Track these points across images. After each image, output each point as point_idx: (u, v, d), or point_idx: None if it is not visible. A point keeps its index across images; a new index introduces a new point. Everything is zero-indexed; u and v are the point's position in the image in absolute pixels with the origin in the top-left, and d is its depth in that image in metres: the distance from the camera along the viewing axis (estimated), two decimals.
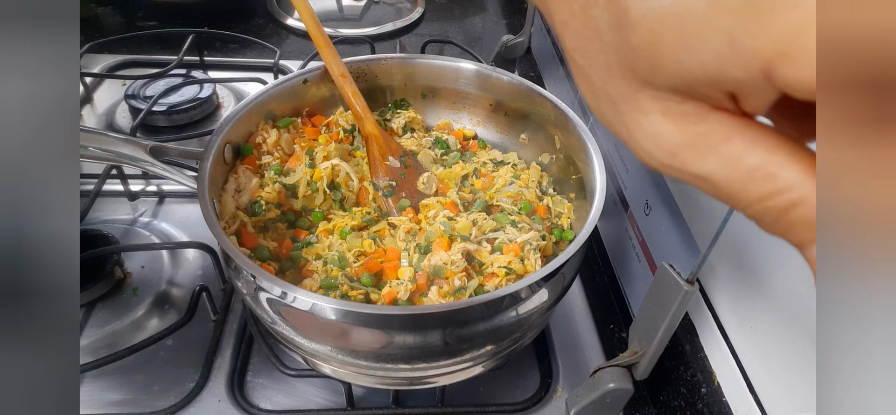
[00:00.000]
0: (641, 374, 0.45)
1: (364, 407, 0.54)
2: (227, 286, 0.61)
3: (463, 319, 0.42)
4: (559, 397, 0.56)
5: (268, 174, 0.56)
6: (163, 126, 0.81)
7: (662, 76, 0.16)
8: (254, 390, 0.55)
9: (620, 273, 0.59)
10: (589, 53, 0.19)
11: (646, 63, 0.17)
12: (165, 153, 0.50)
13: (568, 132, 0.58)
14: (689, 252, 0.43)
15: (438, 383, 0.51)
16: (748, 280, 0.39)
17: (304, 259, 0.51)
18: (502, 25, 1.22)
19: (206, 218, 0.44)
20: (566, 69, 0.76)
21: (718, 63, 0.15)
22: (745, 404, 0.39)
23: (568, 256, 0.44)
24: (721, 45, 0.14)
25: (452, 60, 0.67)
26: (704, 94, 0.16)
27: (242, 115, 0.56)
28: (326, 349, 0.44)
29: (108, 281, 0.59)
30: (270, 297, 0.42)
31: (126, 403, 0.53)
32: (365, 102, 0.61)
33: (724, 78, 0.15)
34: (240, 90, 0.91)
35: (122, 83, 0.88)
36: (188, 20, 1.09)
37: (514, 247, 0.50)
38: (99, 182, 0.69)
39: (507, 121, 0.67)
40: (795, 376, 0.35)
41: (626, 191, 0.56)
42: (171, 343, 0.57)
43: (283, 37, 1.10)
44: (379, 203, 0.57)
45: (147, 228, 0.68)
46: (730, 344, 0.41)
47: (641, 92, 0.18)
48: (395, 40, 1.12)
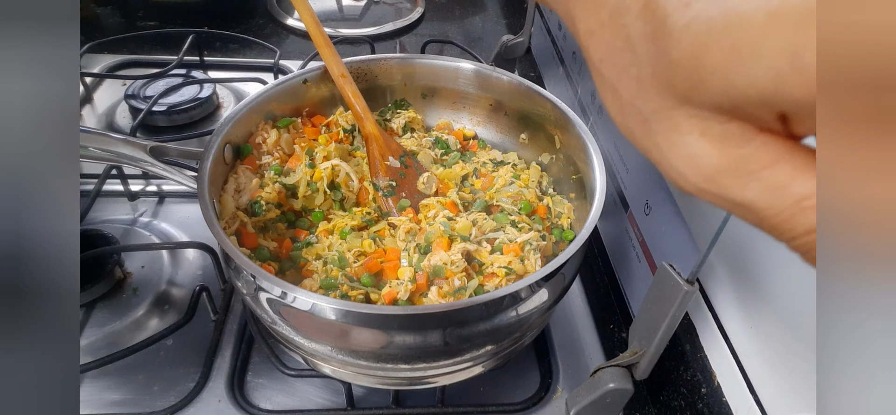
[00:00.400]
0: (641, 374, 0.45)
1: (364, 407, 0.54)
2: (227, 286, 0.61)
3: (463, 319, 0.42)
4: (559, 397, 0.56)
5: (268, 174, 0.56)
6: (163, 126, 0.81)
7: (705, 93, 0.15)
8: (254, 390, 0.55)
9: (620, 273, 0.59)
10: (618, 66, 0.18)
11: (686, 78, 0.15)
12: (165, 153, 0.50)
13: (568, 132, 0.58)
14: (689, 252, 0.43)
15: (438, 383, 0.51)
16: (748, 280, 0.39)
17: (304, 259, 0.51)
18: (502, 25, 1.22)
19: (206, 218, 0.44)
20: (566, 69, 0.76)
21: (776, 81, 0.13)
22: (745, 404, 0.39)
23: (568, 256, 0.44)
24: (780, 62, 0.13)
25: (452, 60, 0.67)
26: (753, 114, 0.15)
27: (242, 115, 0.56)
28: (326, 349, 0.44)
29: (108, 281, 0.59)
30: (270, 297, 0.42)
31: (126, 403, 0.53)
32: (365, 102, 0.61)
33: (781, 98, 0.14)
34: (240, 90, 0.91)
35: (122, 83, 0.88)
36: (188, 20, 1.09)
37: (514, 247, 0.50)
38: (99, 182, 0.69)
39: (507, 121, 0.67)
40: (795, 376, 0.35)
41: (627, 191, 0.56)
42: (171, 343, 0.57)
43: (283, 37, 1.10)
44: (379, 203, 0.57)
45: (147, 228, 0.68)
46: (730, 344, 0.41)
47: (678, 109, 0.16)
48: (395, 40, 1.12)
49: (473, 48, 0.92)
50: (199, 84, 0.85)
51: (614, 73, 0.18)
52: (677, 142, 0.17)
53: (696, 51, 0.15)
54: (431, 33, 1.16)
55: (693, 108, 0.16)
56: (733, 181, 0.16)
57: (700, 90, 0.15)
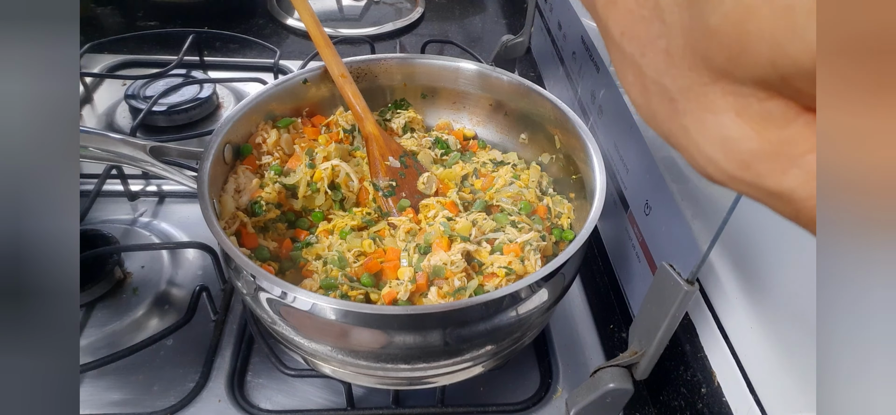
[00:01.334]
0: (641, 374, 0.45)
1: (364, 407, 0.54)
2: (227, 286, 0.61)
3: (463, 319, 0.42)
4: (559, 397, 0.56)
5: (268, 174, 0.56)
6: (163, 126, 0.81)
7: (748, 65, 0.13)
8: (254, 390, 0.55)
9: (620, 273, 0.59)
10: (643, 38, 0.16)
11: (726, 48, 0.13)
12: (165, 153, 0.50)
13: (568, 132, 0.58)
14: (689, 252, 0.43)
15: (438, 383, 0.51)
16: (748, 280, 0.39)
17: (304, 259, 0.51)
18: (502, 25, 1.22)
19: (206, 218, 0.44)
20: (566, 69, 0.76)
21: None
22: (744, 404, 0.39)
23: (568, 255, 0.44)
24: None
25: (452, 60, 0.67)
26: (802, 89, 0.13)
27: (242, 115, 0.56)
28: (326, 349, 0.44)
29: (108, 281, 0.59)
30: (270, 297, 0.42)
31: (126, 403, 0.53)
32: (365, 102, 0.61)
33: None
34: (240, 90, 0.91)
35: (122, 83, 0.88)
36: (188, 20, 1.10)
37: (514, 247, 0.50)
38: (99, 182, 0.69)
39: (507, 121, 0.67)
40: (795, 376, 0.35)
41: (626, 191, 0.56)
42: (171, 343, 0.57)
43: (283, 37, 1.10)
44: (379, 203, 0.57)
45: (147, 229, 0.68)
46: (730, 344, 0.41)
47: (713, 85, 0.14)
48: (395, 40, 1.12)
49: (473, 48, 0.92)
50: (199, 84, 0.85)
51: (638, 47, 0.16)
52: (709, 123, 0.15)
53: (740, 14, 0.13)
54: (431, 33, 1.16)
55: (730, 83, 0.14)
56: (771, 167, 0.14)
57: (742, 61, 0.13)
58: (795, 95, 0.13)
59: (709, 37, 0.14)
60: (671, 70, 0.15)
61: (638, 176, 0.54)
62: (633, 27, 0.16)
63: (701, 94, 0.15)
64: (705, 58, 0.14)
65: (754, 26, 0.13)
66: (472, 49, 0.90)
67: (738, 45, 0.13)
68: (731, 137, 0.14)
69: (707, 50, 0.14)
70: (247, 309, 0.59)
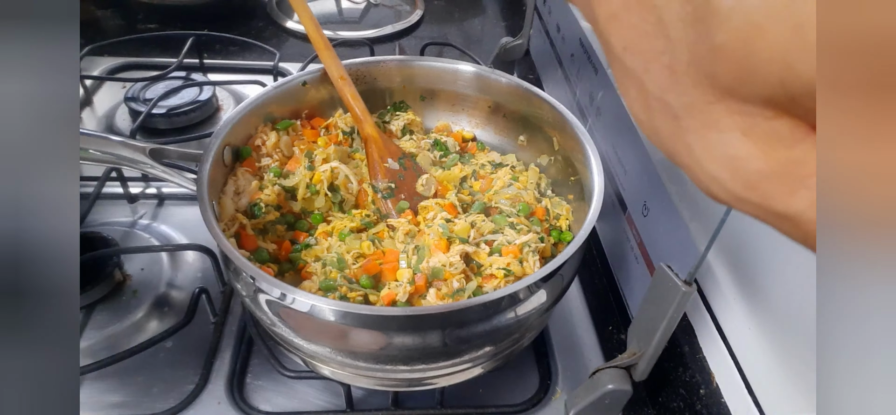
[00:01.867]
0: (640, 375, 0.45)
1: (363, 409, 0.54)
2: (226, 288, 0.61)
3: (462, 320, 0.42)
4: (558, 398, 0.56)
5: (267, 176, 0.57)
6: (162, 128, 0.81)
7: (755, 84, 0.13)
8: (253, 391, 0.55)
9: (619, 274, 0.59)
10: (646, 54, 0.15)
11: (733, 66, 0.13)
12: (165, 155, 0.50)
13: (566, 134, 0.58)
14: (687, 253, 0.44)
15: (438, 385, 0.51)
16: (746, 281, 0.39)
17: (304, 261, 0.51)
18: (501, 28, 1.23)
19: (206, 220, 0.44)
20: (565, 72, 0.76)
21: None
22: (743, 404, 0.39)
23: (566, 257, 0.44)
24: None
25: (451, 63, 0.67)
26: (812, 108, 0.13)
27: (242, 117, 0.56)
28: (325, 351, 0.44)
29: (107, 283, 0.59)
30: (270, 298, 0.43)
31: (126, 405, 0.53)
32: (364, 105, 0.61)
33: None
34: (239, 92, 0.91)
35: (122, 86, 0.88)
36: (188, 23, 1.09)
37: (512, 249, 0.50)
38: (99, 184, 0.69)
39: (506, 123, 0.67)
40: (794, 376, 0.36)
41: (625, 192, 0.57)
42: (171, 345, 0.57)
43: (282, 39, 1.10)
44: (378, 205, 0.57)
45: (147, 231, 0.68)
46: (728, 345, 0.41)
47: (718, 103, 0.14)
48: (395, 43, 1.12)
49: (472, 50, 0.92)
50: (198, 86, 0.85)
51: (641, 62, 0.15)
52: (714, 142, 0.14)
53: (748, 32, 0.12)
54: (430, 36, 1.16)
55: (736, 102, 0.14)
56: (779, 188, 0.14)
57: (749, 80, 0.13)
58: (804, 115, 0.13)
59: (715, 54, 0.13)
60: (675, 87, 0.15)
61: (636, 177, 0.54)
62: (636, 42, 0.16)
63: (705, 112, 0.14)
64: (710, 75, 0.14)
65: (763, 44, 0.12)
66: (471, 51, 0.91)
67: (746, 64, 0.13)
68: (737, 157, 0.14)
69: (713, 67, 0.14)
70: (246, 311, 0.59)
